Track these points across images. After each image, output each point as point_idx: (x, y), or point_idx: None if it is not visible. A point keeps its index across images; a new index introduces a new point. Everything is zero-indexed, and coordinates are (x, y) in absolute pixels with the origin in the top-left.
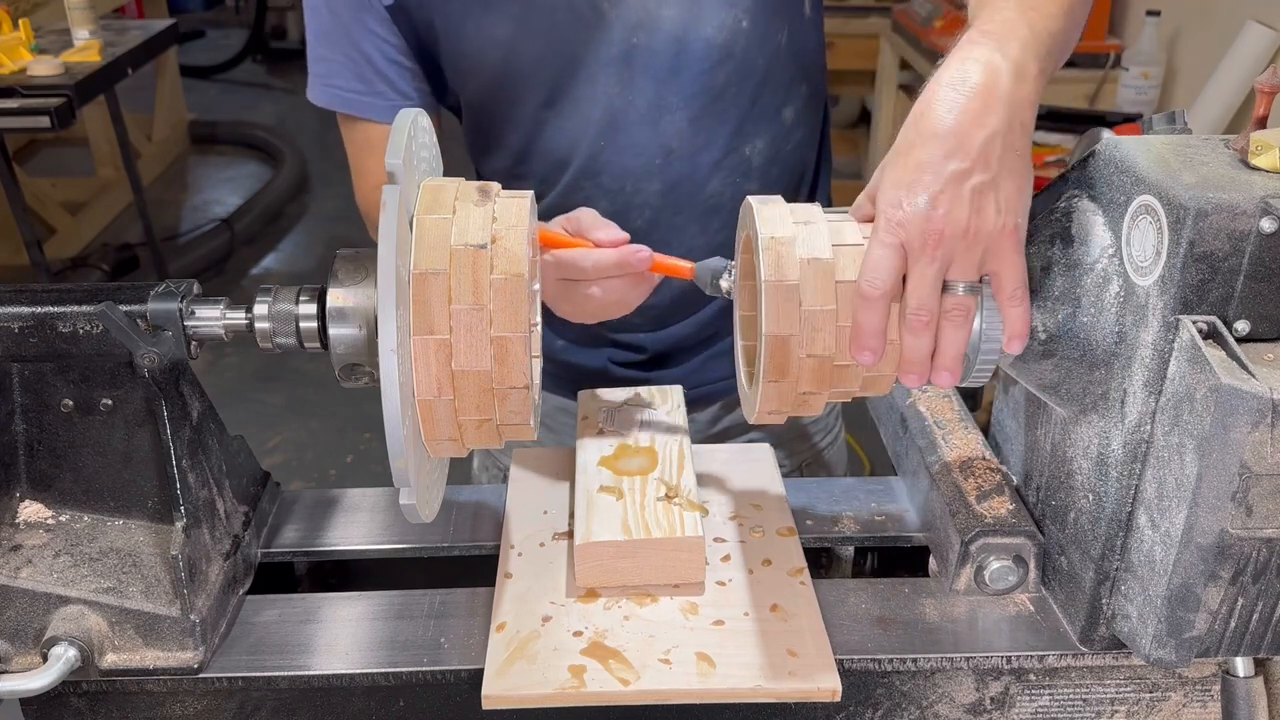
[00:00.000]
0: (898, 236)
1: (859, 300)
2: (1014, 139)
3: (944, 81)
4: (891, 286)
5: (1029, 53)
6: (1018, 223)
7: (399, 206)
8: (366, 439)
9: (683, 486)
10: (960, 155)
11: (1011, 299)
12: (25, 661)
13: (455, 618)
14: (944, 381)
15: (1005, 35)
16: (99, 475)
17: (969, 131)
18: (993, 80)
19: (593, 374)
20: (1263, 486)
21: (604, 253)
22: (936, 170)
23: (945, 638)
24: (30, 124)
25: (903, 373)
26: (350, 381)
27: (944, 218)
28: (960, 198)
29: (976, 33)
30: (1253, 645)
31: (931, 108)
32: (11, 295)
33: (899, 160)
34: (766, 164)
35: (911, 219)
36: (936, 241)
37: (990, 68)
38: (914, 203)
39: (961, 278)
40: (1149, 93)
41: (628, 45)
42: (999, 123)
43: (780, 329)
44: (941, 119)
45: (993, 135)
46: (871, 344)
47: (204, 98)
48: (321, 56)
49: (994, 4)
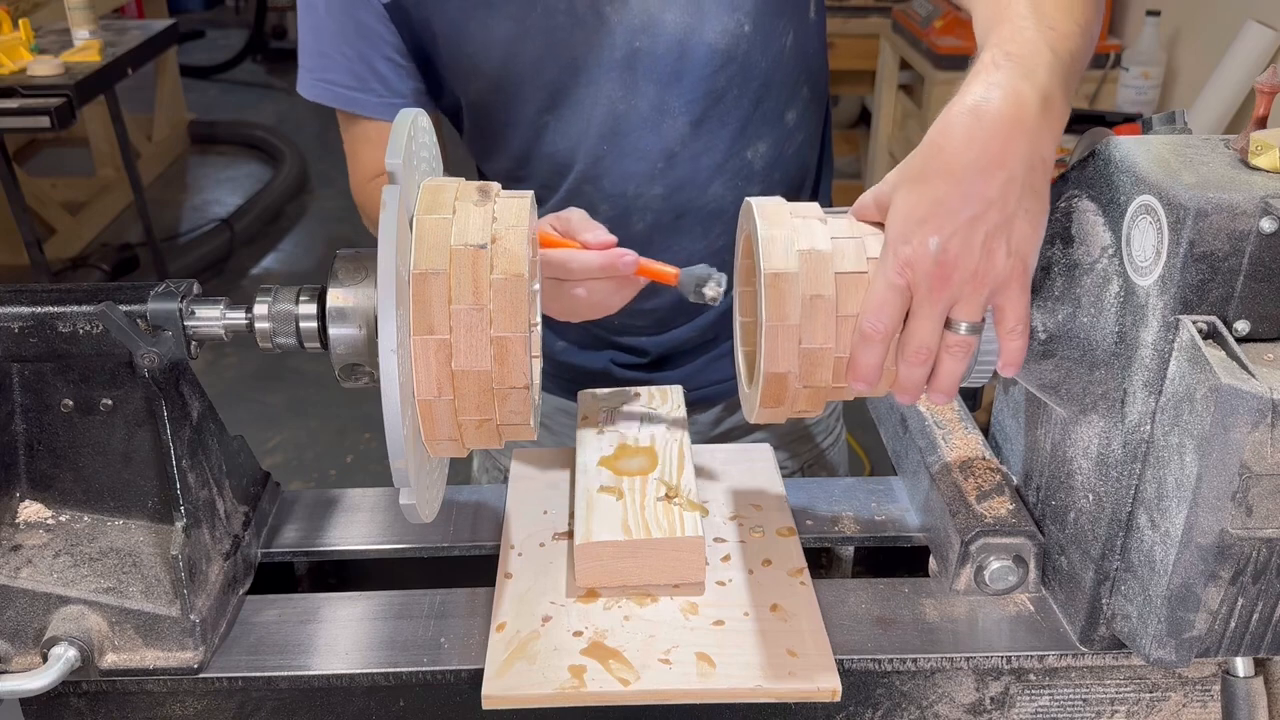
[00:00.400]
0: (905, 278)
1: (859, 338)
2: (1034, 179)
3: (967, 109)
4: (894, 329)
5: (1055, 79)
6: (1028, 263)
7: (399, 206)
8: (366, 439)
9: (683, 486)
10: (977, 199)
11: (1011, 333)
12: (25, 661)
13: (455, 618)
14: (939, 402)
15: (1031, 59)
16: (99, 475)
17: (989, 172)
18: (1018, 113)
19: (594, 375)
20: (1263, 486)
21: (590, 255)
22: (951, 212)
23: (945, 638)
24: (30, 124)
25: (897, 394)
26: (350, 381)
27: (954, 262)
28: (972, 242)
29: (1000, 54)
30: (1253, 645)
31: (951, 138)
32: (11, 295)
33: (913, 189)
34: (768, 168)
35: (920, 260)
36: (943, 285)
37: (1016, 98)
38: (924, 243)
39: (965, 318)
40: (1149, 93)
41: (630, 49)
42: (1020, 164)
43: (779, 367)
44: (961, 155)
45: (1012, 178)
46: (868, 377)
47: (204, 98)
48: (314, 51)
49: (1009, 18)
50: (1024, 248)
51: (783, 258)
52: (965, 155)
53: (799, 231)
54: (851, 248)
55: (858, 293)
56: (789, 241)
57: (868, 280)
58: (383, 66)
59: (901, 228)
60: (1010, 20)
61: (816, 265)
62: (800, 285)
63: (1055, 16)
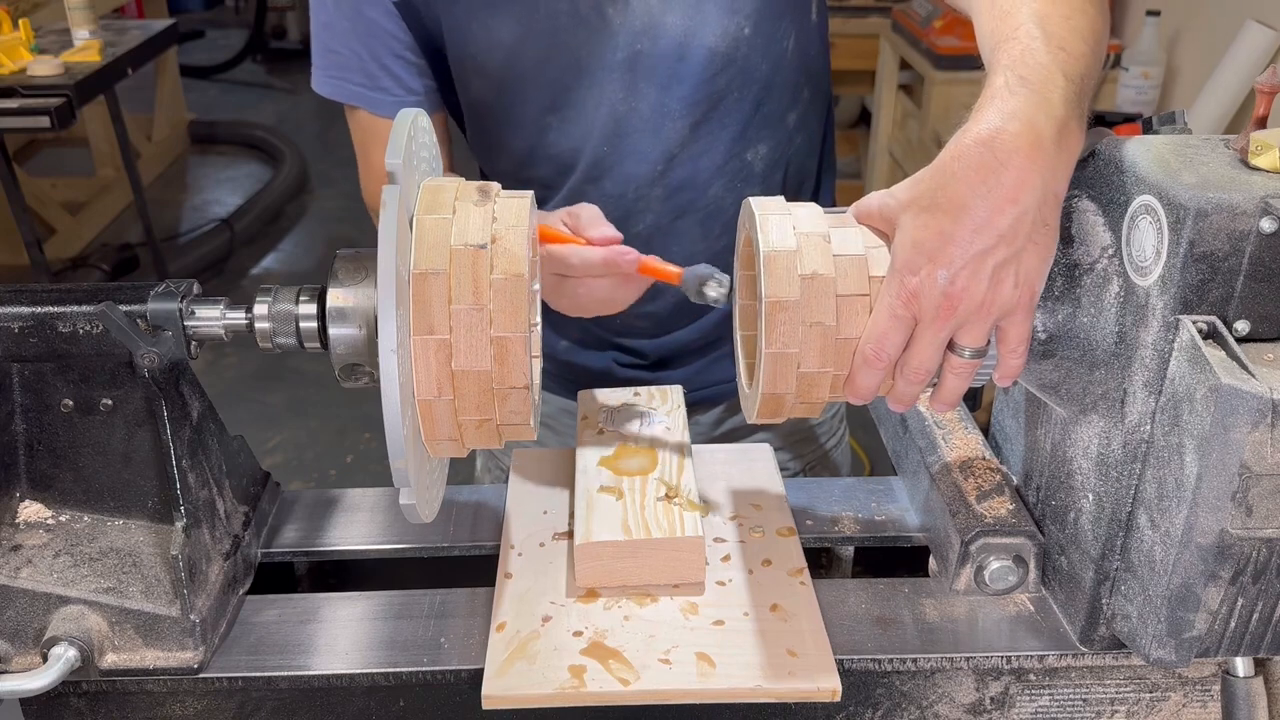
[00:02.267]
0: (911, 310)
1: (860, 360)
2: (1046, 212)
3: (982, 139)
4: (896, 356)
5: (1070, 107)
6: (1035, 291)
7: (399, 206)
8: (366, 439)
9: (683, 486)
10: (987, 233)
11: (1013, 352)
12: (25, 661)
13: (455, 618)
14: (941, 411)
15: (1045, 85)
16: (99, 475)
17: (1001, 207)
18: (1034, 147)
19: (596, 375)
20: (1263, 486)
21: (592, 251)
22: (961, 246)
23: (945, 638)
24: (30, 124)
25: (891, 403)
26: (350, 381)
27: (960, 295)
28: (980, 275)
29: (1014, 78)
30: (1253, 645)
31: (964, 167)
32: (11, 295)
33: (922, 217)
34: (769, 169)
35: (928, 292)
36: (949, 314)
37: (1032, 131)
38: (932, 275)
39: (969, 344)
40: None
41: (632, 51)
42: (1032, 198)
43: (777, 389)
44: (973, 188)
45: (1024, 212)
46: (866, 396)
47: (204, 98)
48: (327, 48)
49: (1018, 36)
50: (1032, 277)
51: (785, 284)
52: (978, 188)
53: (802, 251)
54: (854, 268)
55: (859, 317)
56: (791, 265)
57: (869, 303)
58: (394, 65)
59: (909, 257)
60: (1019, 39)
61: (818, 291)
62: (801, 313)
63: (1065, 37)
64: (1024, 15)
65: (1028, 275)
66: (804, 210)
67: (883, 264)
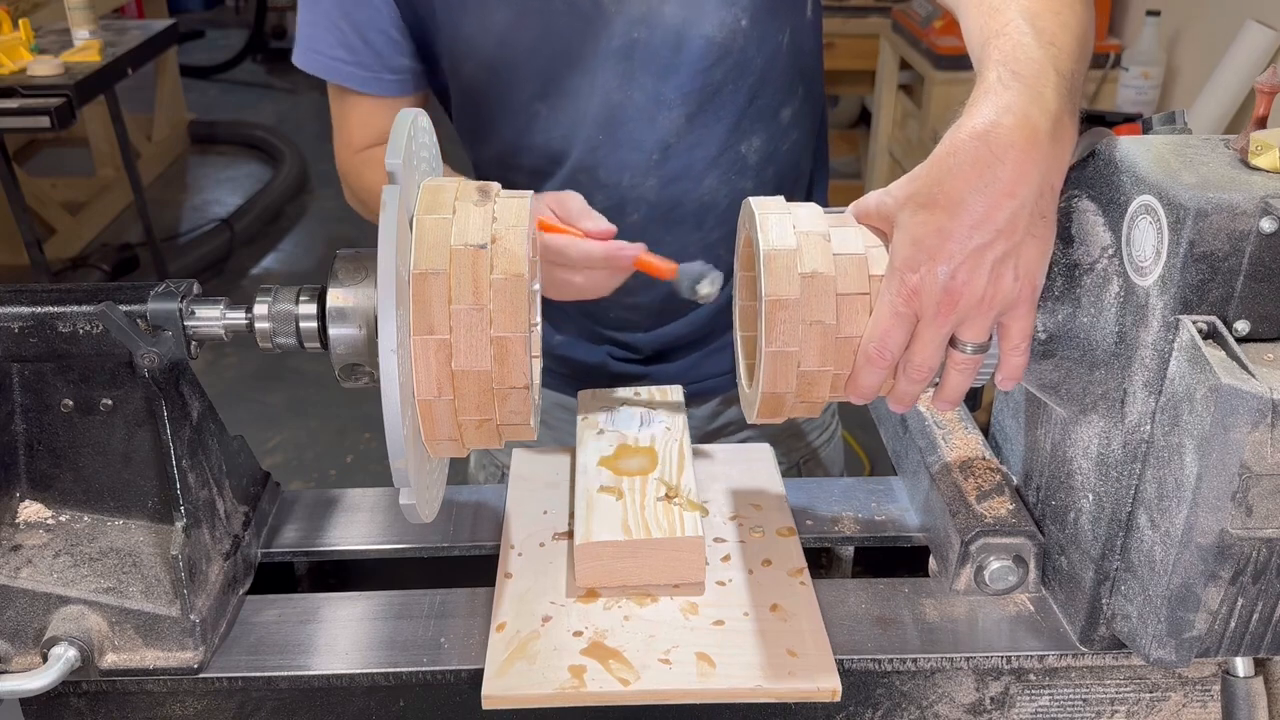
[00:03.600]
0: (911, 307)
1: (863, 359)
2: (1044, 205)
3: (977, 133)
4: (899, 354)
5: (1064, 101)
6: (1035, 284)
7: (399, 206)
8: (366, 439)
9: (683, 486)
10: (986, 228)
11: (1015, 349)
12: (25, 661)
13: (455, 618)
14: (944, 410)
15: (1038, 79)
16: (99, 475)
17: (998, 202)
18: (1030, 141)
19: (591, 369)
20: (1263, 486)
21: (592, 245)
22: (960, 242)
23: (945, 638)
24: (30, 124)
25: (892, 403)
26: (350, 381)
27: (960, 290)
28: (980, 269)
29: (1007, 73)
30: (1253, 645)
31: (960, 163)
32: (11, 295)
33: (920, 214)
34: (763, 163)
35: (928, 289)
36: (950, 310)
37: (1027, 124)
38: (932, 271)
39: (971, 339)
40: (1149, 93)
41: (628, 39)
42: (1029, 192)
43: (777, 388)
44: (970, 183)
45: (1021, 206)
46: (868, 395)
47: (204, 98)
48: (309, 21)
49: (1008, 31)
50: (1032, 270)
51: (785, 283)
52: (975, 183)
53: (802, 250)
54: (854, 266)
55: (859, 316)
56: (791, 264)
57: (869, 301)
58: (377, 40)
59: (908, 254)
60: (1009, 34)
61: (818, 289)
62: (801, 311)
63: (1055, 32)
64: (1013, 11)
65: (1028, 268)
66: (804, 210)
67: (882, 263)
